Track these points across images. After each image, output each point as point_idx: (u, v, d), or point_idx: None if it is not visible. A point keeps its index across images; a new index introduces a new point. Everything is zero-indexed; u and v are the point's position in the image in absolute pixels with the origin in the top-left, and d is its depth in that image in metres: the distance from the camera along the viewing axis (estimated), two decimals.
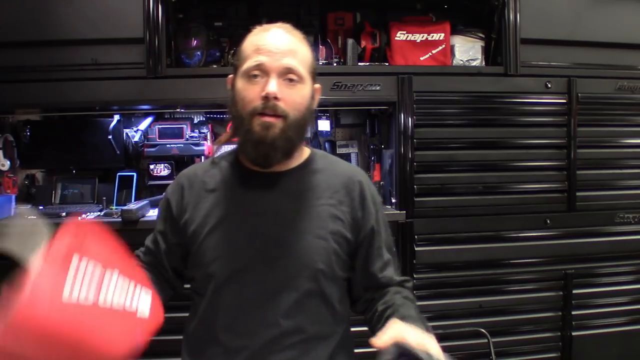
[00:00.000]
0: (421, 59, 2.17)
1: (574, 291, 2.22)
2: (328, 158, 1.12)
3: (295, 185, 1.02)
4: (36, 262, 0.63)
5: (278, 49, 0.95)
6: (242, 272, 0.97)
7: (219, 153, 1.12)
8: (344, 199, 1.03)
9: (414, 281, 2.11)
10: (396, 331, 0.81)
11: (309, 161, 1.06)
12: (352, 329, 1.10)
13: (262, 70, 0.94)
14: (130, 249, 2.04)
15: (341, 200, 1.02)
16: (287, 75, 0.95)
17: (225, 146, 1.16)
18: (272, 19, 1.11)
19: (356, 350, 1.10)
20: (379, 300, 1.02)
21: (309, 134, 2.41)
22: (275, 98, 0.93)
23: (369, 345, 0.82)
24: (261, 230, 0.98)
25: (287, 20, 1.06)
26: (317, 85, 1.05)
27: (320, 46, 2.15)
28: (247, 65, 0.96)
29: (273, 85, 0.92)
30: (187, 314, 1.98)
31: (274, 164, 1.00)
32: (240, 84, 0.97)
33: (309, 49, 1.02)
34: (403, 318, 0.88)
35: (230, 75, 1.03)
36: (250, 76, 0.95)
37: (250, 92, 0.95)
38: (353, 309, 1.10)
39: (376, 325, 0.96)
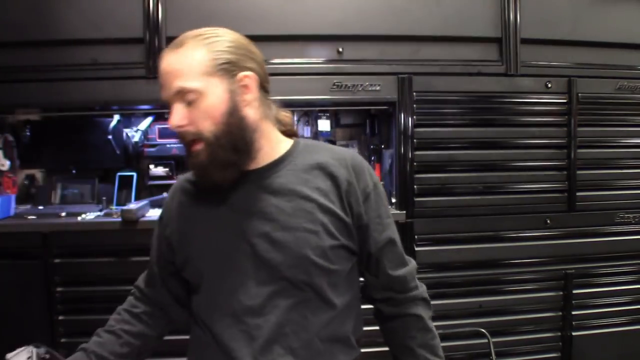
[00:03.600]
0: None
1: (574, 291, 2.22)
2: (312, 146, 1.03)
3: (277, 180, 0.96)
4: None
5: (166, 77, 0.90)
6: (231, 279, 0.94)
7: None
8: (330, 188, 0.96)
9: None
10: None
11: (289, 153, 0.99)
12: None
13: (167, 105, 0.92)
14: (130, 249, 2.04)
15: (327, 189, 0.96)
16: (184, 97, 0.89)
17: None
18: None
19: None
20: (399, 328, 1.05)
21: (308, 134, 2.42)
22: (180, 126, 0.90)
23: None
24: (248, 229, 0.94)
25: None
26: (244, 73, 0.92)
27: None
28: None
29: (172, 118, 0.90)
30: None
31: (217, 182, 0.94)
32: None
33: (204, 50, 0.90)
34: None
35: None
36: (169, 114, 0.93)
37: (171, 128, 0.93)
38: (370, 303, 1.09)
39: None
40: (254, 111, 0.94)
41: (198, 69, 0.89)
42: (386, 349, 1.15)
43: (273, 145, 0.98)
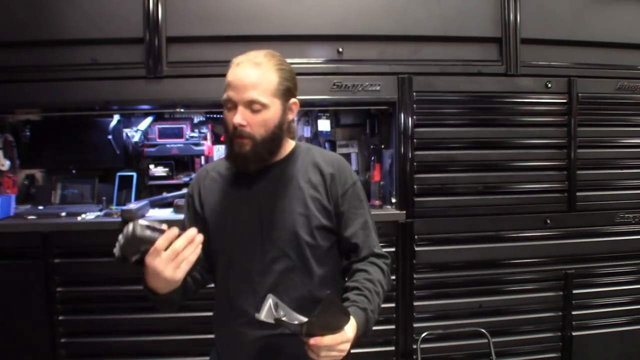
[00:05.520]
0: None
1: (574, 291, 2.22)
2: (308, 149, 1.30)
3: (280, 174, 1.23)
4: None
5: (243, 84, 1.13)
6: (244, 246, 1.19)
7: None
8: (319, 182, 1.23)
9: (415, 281, 2.12)
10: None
11: (291, 153, 1.26)
12: None
13: (232, 103, 1.14)
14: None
15: (317, 183, 1.23)
16: (251, 105, 1.13)
17: None
18: None
19: None
20: (351, 276, 1.21)
21: (308, 134, 2.42)
22: (241, 125, 1.13)
23: None
24: (256, 211, 1.20)
25: None
26: (293, 100, 1.22)
27: None
28: (223, 97, 1.16)
29: (237, 118, 1.13)
30: (186, 314, 2.01)
31: (249, 169, 1.20)
32: (224, 110, 1.18)
33: (276, 75, 1.16)
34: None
35: None
36: (226, 106, 1.16)
37: (227, 119, 1.17)
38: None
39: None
40: (287, 125, 1.23)
41: (270, 89, 1.15)
42: (387, 348, 1.16)
43: (286, 147, 1.26)
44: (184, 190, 2.30)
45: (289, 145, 1.27)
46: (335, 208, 1.23)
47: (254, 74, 1.14)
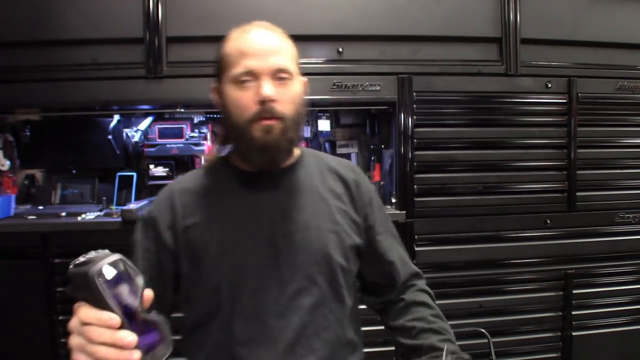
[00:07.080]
0: None
1: (574, 291, 2.22)
2: (314, 152, 1.09)
3: (294, 181, 0.98)
4: None
5: (265, 50, 0.91)
6: (253, 279, 0.91)
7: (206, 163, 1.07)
8: (342, 191, 1.02)
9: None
10: None
11: (301, 158, 1.03)
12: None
13: (252, 75, 0.90)
14: (130, 249, 2.05)
15: (340, 192, 1.01)
16: (278, 74, 0.90)
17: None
18: None
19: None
20: (408, 313, 1.01)
21: (308, 134, 2.42)
22: (272, 100, 0.88)
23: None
24: (267, 231, 0.93)
25: None
26: (304, 79, 0.99)
27: None
28: (235, 71, 0.90)
29: (268, 88, 0.88)
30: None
31: (279, 166, 0.97)
32: (231, 91, 0.92)
33: (292, 43, 0.97)
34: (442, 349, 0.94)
35: (213, 85, 0.99)
36: (240, 82, 0.90)
37: (243, 99, 0.90)
38: (368, 304, 1.10)
39: (414, 345, 0.97)
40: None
41: (292, 56, 0.95)
42: (387, 348, 1.14)
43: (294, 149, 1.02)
44: None
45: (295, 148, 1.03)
46: (364, 221, 1.02)
47: (275, 38, 0.93)
